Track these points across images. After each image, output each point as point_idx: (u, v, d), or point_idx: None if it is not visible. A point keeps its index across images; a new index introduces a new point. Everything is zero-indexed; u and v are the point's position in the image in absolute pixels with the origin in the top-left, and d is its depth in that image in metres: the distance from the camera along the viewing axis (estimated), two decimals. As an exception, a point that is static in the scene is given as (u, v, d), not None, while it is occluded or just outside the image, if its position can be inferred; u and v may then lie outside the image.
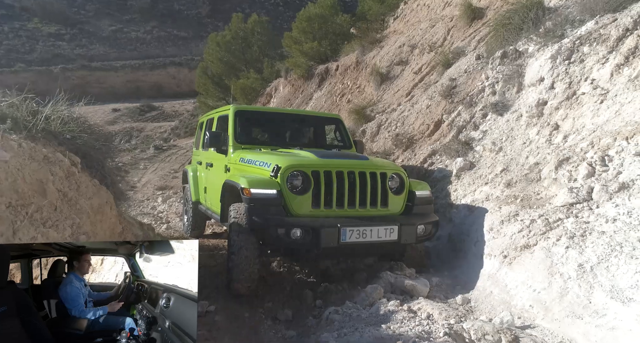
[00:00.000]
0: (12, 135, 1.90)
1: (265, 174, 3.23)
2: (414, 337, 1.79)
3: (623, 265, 2.21)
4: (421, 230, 3.32)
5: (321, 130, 5.12)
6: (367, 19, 17.62)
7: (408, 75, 8.68)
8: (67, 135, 2.49)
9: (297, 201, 3.11)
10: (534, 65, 4.50)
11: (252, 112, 4.79)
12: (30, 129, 2.08)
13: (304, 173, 3.14)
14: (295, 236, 2.95)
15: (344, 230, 3.00)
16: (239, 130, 4.18)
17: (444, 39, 8.73)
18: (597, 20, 4.03)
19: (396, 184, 3.46)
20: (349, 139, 4.85)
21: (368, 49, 11.38)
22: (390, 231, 3.14)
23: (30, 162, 1.80)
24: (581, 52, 3.96)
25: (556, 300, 2.38)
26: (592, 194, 2.81)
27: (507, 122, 4.61)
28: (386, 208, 3.36)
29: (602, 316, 2.10)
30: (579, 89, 3.78)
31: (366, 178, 3.28)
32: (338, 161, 3.33)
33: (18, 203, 1.56)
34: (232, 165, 3.86)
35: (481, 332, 1.88)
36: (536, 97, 4.23)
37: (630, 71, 3.36)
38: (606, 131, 3.23)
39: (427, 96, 6.92)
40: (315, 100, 14.24)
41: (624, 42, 3.59)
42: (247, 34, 22.53)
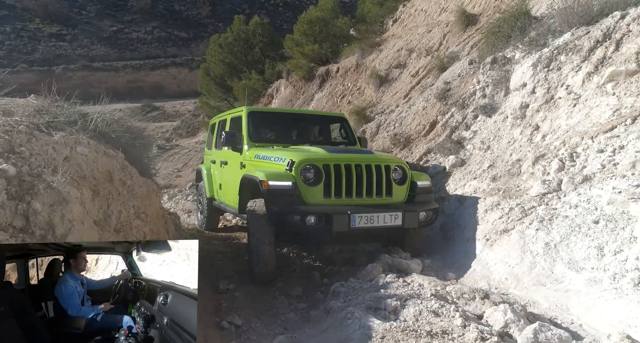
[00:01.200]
0: (77, 134, 2.34)
1: (281, 168, 3.52)
2: (406, 296, 2.23)
3: (579, 242, 2.68)
4: (423, 216, 3.63)
5: (327, 128, 5.46)
6: (366, 21, 18.08)
7: (406, 78, 9.14)
8: (112, 134, 2.93)
9: (310, 192, 3.39)
10: (519, 71, 4.96)
11: (264, 113, 5.12)
12: (86, 129, 2.52)
13: (316, 166, 3.43)
14: (310, 222, 3.22)
15: (353, 216, 3.28)
16: (252, 129, 4.48)
17: (440, 43, 9.19)
18: (573, 32, 4.49)
19: (399, 176, 3.76)
20: (353, 136, 5.15)
21: (368, 52, 11.83)
22: (395, 217, 3.44)
23: (100, 156, 2.24)
24: (559, 60, 4.42)
25: (526, 273, 2.85)
26: (561, 185, 3.28)
27: (495, 123, 5.07)
28: (390, 197, 3.66)
29: (560, 283, 2.56)
30: (556, 94, 4.24)
31: (372, 170, 3.57)
32: (346, 155, 3.64)
33: (97, 187, 1.99)
34: (248, 162, 4.14)
35: (460, 292, 2.33)
36: (520, 101, 4.69)
37: (599, 79, 3.83)
38: (576, 131, 3.69)
39: (424, 98, 7.38)
40: (317, 101, 14.67)
41: (595, 52, 4.05)
42: (248, 36, 22.92)
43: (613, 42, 3.92)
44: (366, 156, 3.75)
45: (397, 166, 3.79)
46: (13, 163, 1.56)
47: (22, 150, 1.70)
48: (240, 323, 3.07)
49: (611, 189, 2.79)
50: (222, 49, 22.37)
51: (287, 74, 18.85)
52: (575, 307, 2.37)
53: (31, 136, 1.88)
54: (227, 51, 22.44)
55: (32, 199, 1.52)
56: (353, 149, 4.27)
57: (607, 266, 2.41)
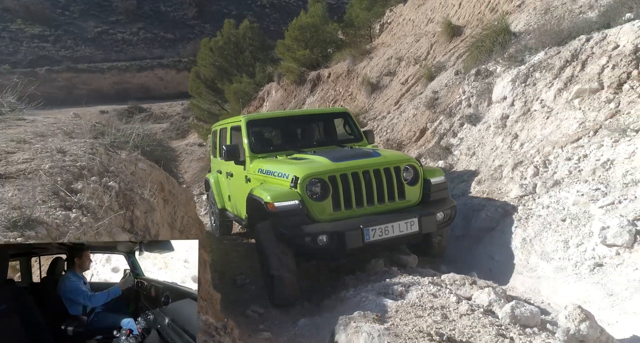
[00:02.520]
0: (135, 152, 2.75)
1: (285, 185, 3.33)
2: (409, 284, 2.71)
3: (550, 237, 3.22)
4: (440, 217, 3.43)
5: (331, 126, 5.10)
6: (354, 25, 18.64)
7: (396, 85, 9.68)
8: (147, 148, 3.33)
9: (319, 207, 3.22)
10: (500, 85, 5.52)
11: (262, 120, 4.87)
12: (137, 146, 2.93)
13: (322, 180, 3.25)
14: (322, 242, 3.07)
15: (366, 230, 3.11)
16: (252, 140, 4.26)
17: (428, 53, 9.76)
18: (546, 51, 5.07)
19: (410, 175, 3.54)
20: (359, 131, 4.83)
21: (359, 59, 12.36)
22: (411, 224, 3.24)
23: (151, 169, 2.65)
24: (534, 77, 5.00)
25: (506, 264, 3.39)
26: (536, 188, 3.83)
27: (479, 131, 5.63)
28: (404, 200, 3.45)
29: (534, 271, 3.10)
30: (532, 106, 4.81)
31: (381, 175, 3.36)
32: (352, 163, 3.40)
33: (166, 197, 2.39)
34: (252, 176, 3.98)
35: (452, 280, 2.84)
36: (501, 112, 5.25)
37: (567, 95, 4.40)
38: (549, 140, 4.26)
39: (413, 105, 7.92)
40: (309, 105, 15.13)
41: (564, 71, 4.63)
42: (238, 40, 23.23)
43: (579, 63, 4.50)
44: (373, 159, 3.49)
45: (408, 165, 3.57)
46: (113, 180, 1.97)
47: (112, 169, 2.11)
48: (262, 312, 3.53)
49: (576, 192, 3.35)
50: (212, 52, 22.63)
51: (278, 78, 19.23)
52: (545, 290, 2.90)
53: (109, 156, 2.29)
54: (217, 54, 22.71)
55: (134, 208, 1.93)
56: (359, 152, 3.87)
57: (571, 256, 2.95)
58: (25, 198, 1.50)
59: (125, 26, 59.23)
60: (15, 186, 1.58)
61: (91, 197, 1.64)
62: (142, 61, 54.99)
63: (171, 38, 60.56)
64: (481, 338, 1.73)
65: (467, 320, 1.91)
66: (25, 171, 1.72)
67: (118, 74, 52.37)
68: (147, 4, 64.71)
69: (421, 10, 11.44)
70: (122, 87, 51.90)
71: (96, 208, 1.62)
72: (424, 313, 1.97)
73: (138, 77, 53.52)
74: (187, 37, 60.40)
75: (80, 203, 1.59)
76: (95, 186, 1.76)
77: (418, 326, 1.76)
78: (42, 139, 2.39)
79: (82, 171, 1.88)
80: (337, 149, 4.23)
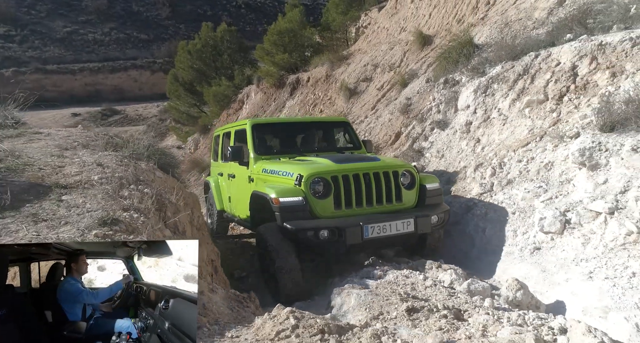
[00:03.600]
0: (150, 162, 3.15)
1: (289, 183, 3.52)
2: (385, 269, 3.26)
3: (503, 227, 3.85)
4: (435, 220, 3.65)
5: (330, 134, 5.38)
6: (331, 29, 19.24)
7: (372, 91, 10.30)
8: (154, 158, 3.72)
9: (321, 205, 3.41)
10: (464, 94, 6.19)
11: (267, 124, 5.14)
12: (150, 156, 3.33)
13: (325, 179, 3.45)
14: (323, 236, 3.26)
15: (365, 227, 3.31)
16: (257, 142, 4.46)
17: (401, 60, 10.42)
18: (502, 65, 5.76)
19: (407, 180, 3.77)
20: (358, 140, 5.12)
21: (337, 65, 12.93)
22: (407, 224, 3.46)
23: (165, 176, 3.06)
24: (492, 88, 5.68)
25: (469, 250, 4.00)
26: (493, 187, 4.47)
27: (447, 136, 6.27)
28: (401, 203, 3.67)
29: (490, 256, 3.72)
30: (491, 114, 5.48)
31: (380, 177, 3.58)
32: (353, 165, 3.62)
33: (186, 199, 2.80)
34: (256, 176, 4.15)
35: (422, 264, 3.41)
36: (465, 119, 5.91)
37: (520, 104, 5.08)
38: (505, 145, 4.92)
39: (389, 111, 8.55)
40: (289, 108, 15.58)
41: (517, 83, 5.32)
42: (216, 43, 23.39)
43: (529, 77, 5.20)
44: (373, 163, 3.73)
45: (405, 170, 3.82)
46: (146, 187, 2.38)
47: (142, 178, 2.52)
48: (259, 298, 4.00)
49: (524, 190, 3.99)
50: (190, 55, 22.71)
51: (257, 81, 19.56)
52: (497, 270, 3.51)
53: (134, 167, 2.70)
54: (196, 57, 22.80)
55: (165, 209, 2.35)
56: (359, 156, 4.19)
57: (518, 243, 3.58)
58: (93, 203, 1.93)
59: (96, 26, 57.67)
60: (79, 194, 1.99)
61: (139, 201, 2.08)
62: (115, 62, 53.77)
63: (145, 38, 59.40)
64: (437, 297, 2.28)
65: (431, 290, 2.46)
66: (81, 182, 2.14)
67: (90, 76, 51.02)
68: (119, 4, 63.18)
69: (394, 19, 12.12)
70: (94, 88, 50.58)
71: (145, 210, 2.06)
72: (398, 286, 2.51)
73: (111, 78, 52.31)
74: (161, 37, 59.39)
75: (133, 206, 2.03)
76: (136, 193, 2.19)
77: (392, 290, 2.31)
78: (73, 153, 2.77)
79: (121, 181, 2.30)
80: (339, 154, 4.52)
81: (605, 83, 4.29)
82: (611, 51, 4.44)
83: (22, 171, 2.18)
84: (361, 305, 2.14)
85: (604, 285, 2.45)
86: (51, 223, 1.70)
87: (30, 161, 2.38)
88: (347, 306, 2.20)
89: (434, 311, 2.00)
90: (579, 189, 3.45)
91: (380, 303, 2.14)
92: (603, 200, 3.06)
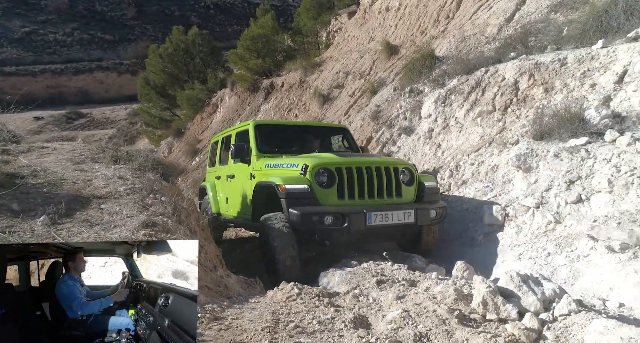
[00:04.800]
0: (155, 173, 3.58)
1: (295, 173, 3.63)
2: (361, 260, 3.85)
3: (458, 222, 4.56)
4: (433, 214, 3.86)
5: (328, 139, 5.68)
6: (303, 33, 19.80)
7: (345, 97, 10.95)
8: (158, 169, 4.12)
9: (325, 194, 3.54)
10: (427, 104, 6.93)
11: (269, 126, 5.27)
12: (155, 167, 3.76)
13: (329, 170, 3.60)
14: (328, 222, 3.38)
15: (369, 214, 3.44)
16: (259, 141, 4.63)
17: (371, 68, 11.14)
18: (458, 78, 6.53)
19: (407, 177, 3.97)
20: (356, 145, 5.41)
21: (310, 71, 13.51)
22: (408, 215, 3.64)
23: (168, 185, 3.50)
24: (450, 98, 6.43)
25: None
26: (451, 187, 5.18)
27: (413, 141, 6.99)
28: (400, 198, 3.83)
29: (449, 245, 4.42)
30: (449, 122, 6.23)
31: (381, 172, 3.76)
32: (356, 159, 3.80)
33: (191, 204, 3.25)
34: (258, 171, 4.29)
35: (392, 254, 4.05)
36: (427, 126, 6.64)
37: (473, 114, 5.85)
38: (460, 150, 5.66)
39: (360, 117, 9.21)
40: (264, 112, 16.01)
41: (471, 95, 6.09)
42: (188, 46, 23.44)
43: (481, 90, 5.98)
44: (375, 159, 3.95)
45: (405, 168, 4.02)
46: (162, 195, 2.84)
47: (155, 188, 2.97)
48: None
49: (474, 189, 4.72)
50: (162, 59, 22.63)
51: (231, 85, 19.82)
52: (454, 258, 4.19)
53: (146, 178, 3.14)
54: (167, 61, 22.76)
55: (179, 214, 2.81)
56: (361, 154, 4.49)
57: (470, 234, 4.29)
58: (128, 210, 2.39)
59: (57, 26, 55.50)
60: (113, 203, 2.45)
61: (163, 208, 2.55)
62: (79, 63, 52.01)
63: (110, 39, 57.70)
64: (399, 275, 2.90)
65: (396, 271, 3.07)
66: (111, 193, 2.58)
67: (52, 78, 49.13)
68: (81, 3, 61.00)
69: (364, 29, 12.83)
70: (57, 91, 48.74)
71: (168, 214, 2.54)
72: (370, 269, 3.11)
73: (75, 80, 50.58)
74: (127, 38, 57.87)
75: (159, 211, 2.50)
76: (156, 201, 2.66)
77: (366, 271, 2.91)
78: (90, 167, 3.19)
79: (142, 191, 2.75)
80: (341, 151, 4.82)
81: (540, 97, 5.10)
82: (544, 69, 5.26)
83: (60, 185, 2.59)
84: (343, 281, 2.73)
85: (527, 264, 3.15)
86: (103, 227, 2.15)
87: (58, 175, 2.78)
88: (332, 282, 2.78)
89: (395, 282, 2.62)
90: (516, 188, 4.19)
91: (357, 279, 2.75)
92: (532, 197, 3.80)
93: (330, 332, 1.89)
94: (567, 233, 3.28)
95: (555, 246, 3.25)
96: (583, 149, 3.76)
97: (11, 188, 2.18)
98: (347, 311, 2.14)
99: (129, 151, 4.04)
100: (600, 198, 3.23)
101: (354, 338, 1.82)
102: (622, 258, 2.64)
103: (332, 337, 1.84)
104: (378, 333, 1.91)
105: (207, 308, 1.95)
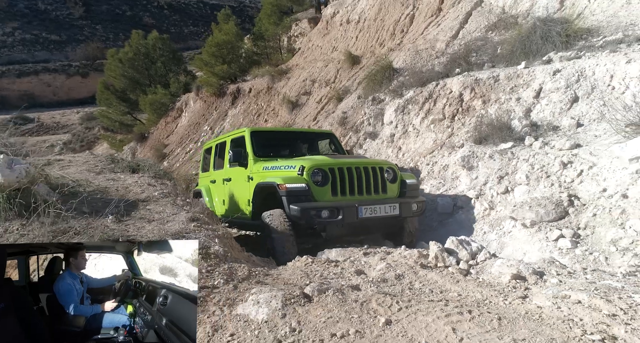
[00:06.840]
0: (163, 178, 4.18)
1: (292, 173, 4.07)
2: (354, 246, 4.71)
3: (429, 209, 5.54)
4: (415, 207, 4.39)
5: (315, 144, 6.18)
6: (264, 38, 20.39)
7: (312, 104, 11.78)
8: (168, 176, 4.67)
9: (320, 192, 4.01)
10: (388, 112, 7.93)
11: (263, 132, 5.79)
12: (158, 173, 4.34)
13: (324, 170, 4.07)
14: (325, 215, 3.85)
15: (360, 207, 3.95)
16: (255, 146, 5.03)
17: (335, 77, 12.06)
18: (414, 90, 7.59)
19: (391, 176, 4.47)
20: (342, 148, 6.00)
21: (277, 78, 14.21)
22: (394, 208, 4.18)
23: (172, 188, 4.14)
24: (408, 108, 7.47)
25: (396, 230, 5.64)
26: (411, 183, 6.17)
27: (377, 145, 7.96)
28: (385, 194, 4.35)
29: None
30: (408, 129, 7.26)
31: (369, 171, 4.26)
32: (347, 160, 4.30)
33: None
34: (256, 174, 4.65)
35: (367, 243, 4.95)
36: (389, 132, 7.64)
37: (427, 122, 6.90)
38: (418, 152, 6.69)
39: (328, 122, 10.09)
40: (232, 117, 16.48)
41: (425, 105, 7.15)
42: (148, 50, 23.24)
43: (433, 100, 7.05)
44: (362, 160, 4.46)
45: (389, 167, 4.53)
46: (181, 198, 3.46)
47: (178, 192, 3.60)
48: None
49: (430, 185, 5.73)
50: (122, 63, 22.32)
51: (196, 89, 20.00)
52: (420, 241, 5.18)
53: (166, 184, 3.74)
54: (127, 65, 22.47)
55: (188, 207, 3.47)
56: (349, 155, 5.27)
57: (426, 221, 5.28)
58: (169, 209, 3.05)
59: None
60: (155, 204, 3.08)
61: (196, 207, 3.22)
62: (22, 65, 48.96)
63: (56, 40, 54.69)
64: (379, 249, 3.80)
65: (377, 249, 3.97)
66: (150, 197, 3.20)
67: (-8, 80, 45.87)
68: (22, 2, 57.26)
69: (327, 39, 13.74)
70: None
71: (202, 212, 3.21)
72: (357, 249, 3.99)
73: (19, 83, 47.58)
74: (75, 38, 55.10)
75: (192, 209, 3.17)
76: (184, 202, 3.32)
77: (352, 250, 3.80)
78: (115, 176, 3.77)
79: (169, 195, 3.39)
80: (332, 154, 5.51)
81: (479, 108, 6.23)
82: (482, 84, 6.40)
83: (107, 192, 3.16)
84: (338, 255, 3.59)
85: (470, 241, 4.16)
86: (160, 222, 2.80)
87: (95, 184, 3.35)
88: (330, 256, 3.62)
89: (377, 253, 3.52)
90: (462, 183, 5.23)
91: (349, 253, 3.61)
92: (474, 190, 4.84)
93: (342, 278, 2.77)
94: (498, 216, 4.33)
95: (489, 227, 4.29)
96: (509, 152, 4.86)
97: (80, 196, 2.75)
98: (349, 268, 3.04)
99: (137, 160, 4.59)
100: (521, 189, 4.31)
101: (358, 279, 2.73)
102: (532, 232, 3.68)
103: (344, 279, 2.71)
104: (372, 276, 2.84)
105: (259, 269, 2.72)
